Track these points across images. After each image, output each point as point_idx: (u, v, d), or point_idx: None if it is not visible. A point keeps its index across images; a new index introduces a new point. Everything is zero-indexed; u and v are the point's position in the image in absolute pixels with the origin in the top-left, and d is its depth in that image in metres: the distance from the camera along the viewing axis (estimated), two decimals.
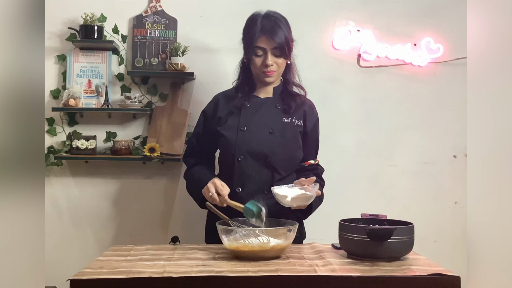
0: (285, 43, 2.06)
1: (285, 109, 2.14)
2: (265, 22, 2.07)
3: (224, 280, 1.50)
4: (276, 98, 2.17)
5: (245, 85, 2.18)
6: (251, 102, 2.15)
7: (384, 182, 2.90)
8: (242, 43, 2.16)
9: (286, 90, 2.19)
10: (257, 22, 2.08)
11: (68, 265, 2.69)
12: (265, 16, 2.10)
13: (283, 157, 2.09)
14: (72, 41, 2.76)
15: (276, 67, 2.08)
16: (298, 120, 2.15)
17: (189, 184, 2.21)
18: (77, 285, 1.47)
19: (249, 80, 2.18)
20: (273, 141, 2.08)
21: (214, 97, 2.26)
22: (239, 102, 2.14)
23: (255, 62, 2.09)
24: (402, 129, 2.91)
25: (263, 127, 2.10)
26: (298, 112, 2.16)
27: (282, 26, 2.07)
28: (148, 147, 2.68)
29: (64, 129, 2.81)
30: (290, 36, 2.10)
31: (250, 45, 2.08)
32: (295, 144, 2.13)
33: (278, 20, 2.08)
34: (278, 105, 2.15)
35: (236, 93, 2.17)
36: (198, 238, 2.23)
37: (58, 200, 2.81)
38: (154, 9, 2.81)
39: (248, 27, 2.12)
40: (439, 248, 2.88)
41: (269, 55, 2.06)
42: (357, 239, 1.69)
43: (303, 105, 2.18)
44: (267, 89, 2.18)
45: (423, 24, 2.88)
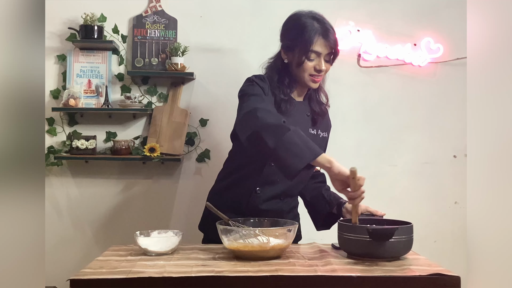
0: (336, 48, 1.98)
1: (312, 120, 2.07)
2: (318, 25, 1.94)
3: (224, 280, 1.50)
4: (306, 104, 2.09)
5: (285, 85, 2.03)
6: (291, 104, 2.03)
7: (384, 182, 2.90)
8: (285, 43, 2.02)
9: (315, 96, 2.10)
10: (309, 24, 1.94)
11: (68, 265, 2.70)
12: (314, 18, 1.97)
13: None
14: (72, 41, 2.76)
15: (325, 72, 2.00)
16: (323, 132, 2.11)
17: (295, 135, 1.71)
18: (77, 285, 1.47)
19: (289, 80, 2.04)
20: None
21: (266, 77, 2.02)
22: (284, 105, 1.99)
23: (306, 66, 1.96)
24: (402, 129, 2.91)
25: None
26: (323, 124, 2.12)
27: (334, 31, 1.97)
28: (148, 147, 2.68)
29: (64, 129, 2.81)
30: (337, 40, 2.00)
31: (304, 48, 1.94)
32: None
33: (329, 25, 1.97)
34: (308, 113, 2.07)
35: (278, 91, 2.01)
36: (198, 238, 2.23)
37: (58, 200, 2.82)
38: (154, 9, 2.81)
39: (299, 29, 1.96)
40: (439, 248, 2.88)
41: (322, 60, 1.96)
42: (357, 239, 1.69)
43: (325, 116, 2.13)
44: (301, 93, 2.08)
45: (423, 24, 2.88)
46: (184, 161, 2.85)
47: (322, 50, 1.95)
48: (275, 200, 2.05)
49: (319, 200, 2.13)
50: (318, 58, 1.96)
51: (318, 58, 1.96)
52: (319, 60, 1.96)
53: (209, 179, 2.47)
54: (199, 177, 2.86)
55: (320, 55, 1.96)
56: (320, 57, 1.96)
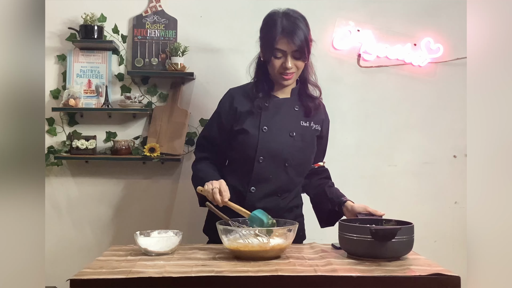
0: (305, 45, 1.97)
1: (305, 112, 2.09)
2: (285, 23, 1.96)
3: (224, 280, 1.50)
4: (294, 99, 2.11)
5: (264, 84, 2.07)
6: (270, 102, 2.06)
7: (384, 182, 2.90)
8: (259, 41, 2.07)
9: (304, 90, 2.12)
10: (277, 22, 1.97)
11: (68, 265, 2.70)
12: (285, 15, 1.99)
13: (300, 161, 2.08)
14: (72, 41, 2.76)
15: (295, 69, 2.01)
16: (316, 124, 2.11)
17: (193, 178, 2.11)
18: (77, 285, 1.47)
19: (267, 78, 2.08)
20: (294, 145, 2.04)
21: (229, 93, 2.15)
22: (261, 101, 2.04)
23: (273, 64, 2.00)
24: (402, 129, 2.91)
25: (283, 129, 2.05)
26: (316, 116, 2.12)
27: (303, 27, 1.97)
28: (148, 147, 2.68)
29: (64, 129, 2.81)
30: (309, 37, 2.00)
31: (269, 47, 1.98)
32: (312, 149, 2.12)
33: (298, 21, 1.98)
34: (296, 107, 2.09)
35: (256, 91, 2.07)
36: (198, 238, 2.23)
37: (58, 200, 2.81)
38: (154, 9, 2.81)
39: (268, 27, 2.01)
40: (439, 248, 2.88)
41: (289, 57, 1.97)
42: (358, 239, 1.69)
43: (319, 109, 2.14)
44: (285, 90, 2.10)
45: (423, 24, 2.88)
46: (184, 161, 2.85)
47: (286, 48, 1.97)
48: (273, 197, 2.05)
49: (322, 198, 2.14)
50: (284, 56, 1.98)
51: (285, 56, 1.98)
52: (285, 58, 1.98)
53: None
54: None
55: (286, 53, 1.98)
56: (286, 55, 1.98)
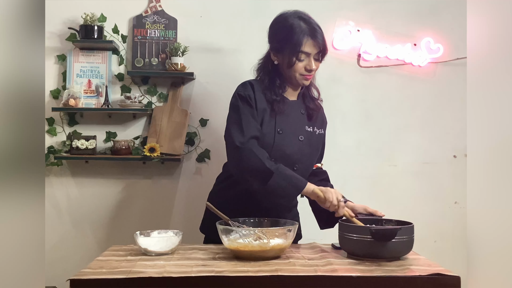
0: (326, 46, 2.01)
1: (307, 117, 2.09)
2: (305, 25, 1.97)
3: (224, 280, 1.50)
4: (300, 102, 2.11)
5: (277, 86, 2.05)
6: (285, 104, 2.05)
7: (384, 182, 2.90)
8: (273, 44, 2.05)
9: (308, 93, 2.13)
10: (296, 25, 1.97)
11: (68, 265, 2.70)
12: (301, 18, 2.00)
13: (307, 165, 2.08)
14: (72, 41, 2.76)
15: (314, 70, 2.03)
16: (319, 129, 2.12)
17: (283, 179, 1.89)
18: (77, 285, 1.47)
19: (281, 80, 2.06)
20: (303, 149, 2.04)
21: (250, 83, 2.05)
22: (278, 105, 2.02)
23: (297, 67, 1.98)
24: (402, 129, 2.91)
25: (293, 132, 2.04)
26: (318, 121, 2.13)
27: (321, 30, 2.00)
28: (148, 147, 2.68)
29: (64, 129, 2.81)
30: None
31: (294, 50, 1.97)
32: (317, 154, 2.13)
33: (316, 24, 2.00)
34: (302, 111, 2.09)
35: (275, 94, 2.03)
36: (198, 238, 2.22)
37: (58, 200, 2.81)
38: (154, 9, 2.81)
39: (287, 31, 1.99)
40: (439, 248, 2.88)
41: (312, 59, 1.99)
42: (358, 239, 1.69)
43: (320, 111, 2.15)
44: (294, 92, 2.10)
45: (423, 24, 2.88)
46: (184, 161, 2.85)
47: (311, 50, 1.99)
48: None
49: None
50: (308, 58, 2.00)
51: (308, 58, 2.00)
52: (309, 60, 2.00)
53: (209, 179, 2.48)
54: (199, 177, 2.86)
55: (309, 55, 1.99)
56: (310, 56, 2.00)
